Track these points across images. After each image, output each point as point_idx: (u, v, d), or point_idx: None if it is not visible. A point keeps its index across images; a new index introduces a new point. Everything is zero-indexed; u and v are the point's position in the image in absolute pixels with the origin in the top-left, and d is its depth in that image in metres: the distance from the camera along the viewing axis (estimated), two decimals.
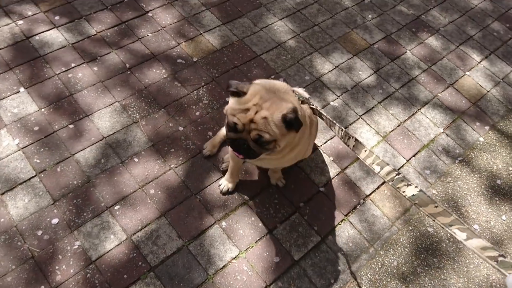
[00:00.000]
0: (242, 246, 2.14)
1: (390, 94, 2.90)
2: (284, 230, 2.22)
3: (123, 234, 2.09)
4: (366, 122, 2.72)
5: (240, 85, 1.59)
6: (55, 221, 2.08)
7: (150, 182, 2.28)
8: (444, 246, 2.31)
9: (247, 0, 3.28)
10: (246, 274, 2.05)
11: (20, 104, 2.45)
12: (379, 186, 2.46)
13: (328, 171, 2.47)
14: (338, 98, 2.81)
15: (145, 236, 2.10)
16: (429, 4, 3.60)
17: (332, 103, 2.78)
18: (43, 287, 1.90)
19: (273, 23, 3.16)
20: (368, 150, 1.44)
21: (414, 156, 2.63)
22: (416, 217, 2.39)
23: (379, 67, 3.04)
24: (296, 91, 1.79)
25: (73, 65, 2.67)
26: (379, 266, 2.19)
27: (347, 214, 2.33)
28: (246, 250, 2.13)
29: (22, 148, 2.29)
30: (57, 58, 2.68)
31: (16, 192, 2.14)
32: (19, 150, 2.28)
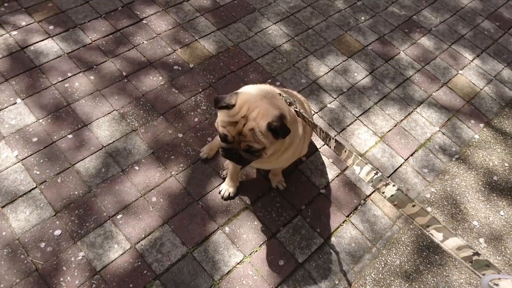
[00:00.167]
0: (246, 250, 2.14)
1: (386, 95, 2.93)
2: (287, 233, 2.24)
3: (127, 243, 2.08)
4: (363, 123, 2.75)
5: (227, 98, 1.60)
6: (57, 232, 2.07)
7: (151, 190, 2.28)
8: None
9: (241, 5, 3.30)
10: (252, 278, 2.06)
11: (18, 116, 2.44)
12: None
13: (327, 173, 2.49)
14: (334, 100, 2.83)
15: (149, 244, 2.09)
16: (420, 5, 3.65)
17: (329, 105, 2.80)
18: None
19: (267, 27, 3.19)
20: (347, 151, 1.46)
21: (411, 155, 2.66)
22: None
23: (373, 68, 3.07)
24: (283, 94, 1.81)
25: (69, 74, 2.66)
26: (382, 266, 2.21)
27: (349, 215, 2.35)
28: (250, 254, 2.14)
29: (22, 160, 2.28)
30: (53, 68, 2.67)
31: (17, 205, 2.13)
32: (19, 162, 2.27)
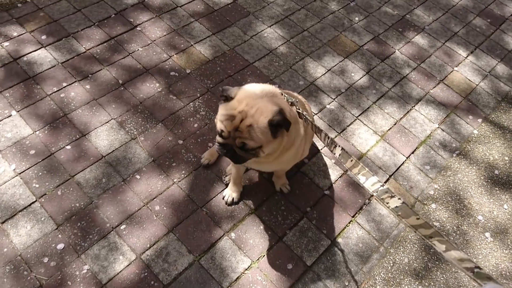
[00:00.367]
0: (253, 256, 2.11)
1: (384, 94, 2.94)
2: (294, 236, 2.21)
3: (132, 254, 2.04)
4: (363, 123, 2.75)
5: (230, 90, 1.60)
6: (60, 246, 2.02)
7: (154, 198, 2.24)
8: (452, 239, 2.33)
9: (235, 9, 3.29)
10: (261, 284, 2.03)
11: (13, 128, 2.38)
12: (382, 185, 2.47)
13: (330, 174, 2.48)
14: (333, 101, 2.83)
15: (154, 254, 2.05)
16: (412, 4, 3.67)
17: (328, 106, 2.79)
18: None
19: (262, 30, 3.17)
20: (354, 160, 1.45)
21: (413, 153, 2.66)
22: (422, 213, 2.41)
23: (370, 68, 3.08)
24: (285, 93, 1.79)
25: (64, 84, 2.62)
26: (391, 265, 2.20)
27: (354, 215, 2.34)
28: (258, 259, 2.11)
29: (20, 174, 2.22)
30: (47, 78, 2.63)
31: (17, 220, 2.07)
32: (17, 176, 2.21)
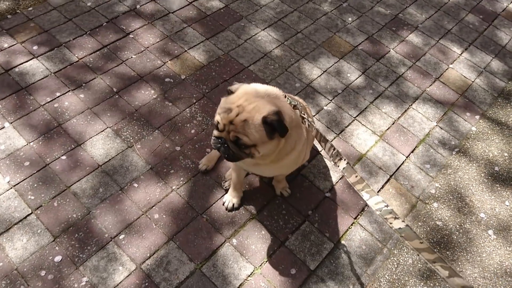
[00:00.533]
0: (256, 261, 2.08)
1: (381, 93, 2.92)
2: (296, 240, 2.18)
3: (132, 264, 2.00)
4: (361, 123, 2.73)
5: (234, 85, 1.61)
6: (58, 258, 1.97)
7: (153, 206, 2.20)
8: (455, 238, 2.31)
9: (227, 14, 3.27)
10: None
11: (7, 140, 2.34)
12: (383, 186, 2.45)
13: (331, 176, 2.45)
14: (330, 102, 2.81)
15: (155, 264, 2.01)
16: (404, 3, 3.68)
17: (325, 108, 2.77)
18: None
19: (256, 34, 3.16)
20: (359, 176, 1.43)
21: (412, 152, 2.64)
22: (424, 212, 2.38)
23: (366, 68, 3.07)
24: (289, 96, 1.77)
25: (58, 94, 2.58)
26: (395, 266, 2.17)
27: (356, 217, 2.31)
28: (260, 265, 2.07)
29: (14, 186, 2.18)
30: (40, 89, 2.59)
31: (12, 233, 2.02)
32: (11, 188, 2.17)
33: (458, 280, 1.12)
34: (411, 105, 2.90)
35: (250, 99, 1.54)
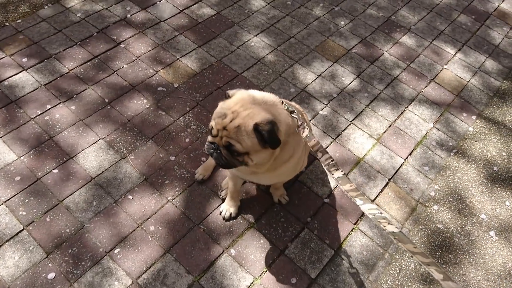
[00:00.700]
0: (255, 272, 2.03)
1: (376, 96, 2.90)
2: (295, 248, 2.13)
3: (128, 279, 1.94)
4: (357, 127, 2.70)
5: (232, 90, 1.60)
6: (51, 275, 1.91)
7: (148, 218, 2.15)
8: (457, 240, 2.27)
9: (219, 21, 3.24)
10: None
11: None
12: (382, 189, 2.42)
13: (329, 181, 2.41)
14: (326, 107, 2.78)
15: (152, 277, 1.95)
16: (396, 5, 3.67)
17: (321, 112, 2.74)
18: None
19: (249, 40, 3.13)
20: (353, 186, 1.42)
21: (410, 154, 2.61)
22: (424, 215, 2.35)
23: (360, 71, 3.04)
24: (286, 102, 1.74)
25: (48, 106, 2.53)
26: (398, 271, 2.12)
27: (356, 222, 2.27)
28: (260, 275, 2.02)
29: (5, 202, 2.12)
30: (30, 102, 2.54)
31: (4, 251, 1.96)
32: (2, 204, 2.11)
33: (452, 284, 1.13)
34: (407, 107, 2.87)
35: (246, 105, 1.51)
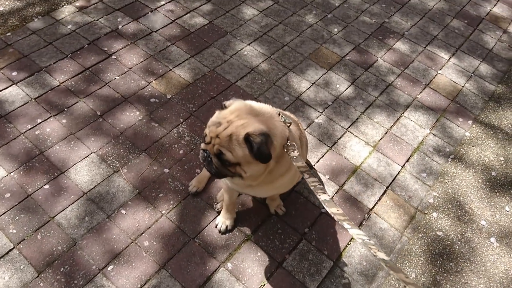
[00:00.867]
0: (253, 286, 1.98)
1: (371, 103, 2.87)
2: (294, 260, 2.09)
3: None
4: (353, 134, 2.67)
5: (229, 101, 1.58)
6: None
7: (142, 233, 2.10)
8: (457, 248, 2.23)
9: (212, 30, 3.22)
10: None
11: None
12: (380, 197, 2.38)
13: (326, 191, 2.37)
14: (321, 115, 2.75)
15: None
16: (389, 11, 3.67)
17: (316, 121, 2.71)
18: None
19: (242, 49, 3.10)
20: (341, 210, 1.39)
21: (407, 161, 2.58)
22: (423, 223, 2.31)
23: (355, 78, 3.02)
24: (283, 113, 1.71)
25: (39, 120, 2.48)
26: (399, 282, 2.08)
27: None
28: None
29: None
30: (20, 116, 2.49)
31: None
32: None
33: None
34: (403, 113, 2.85)
35: (242, 115, 1.49)
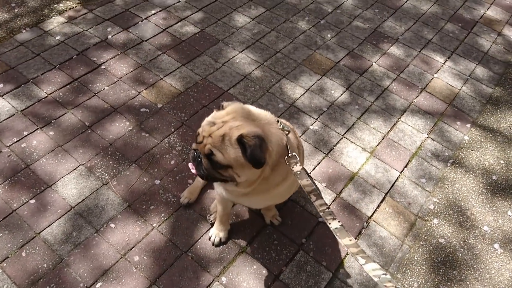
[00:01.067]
0: None
1: (367, 108, 2.81)
2: (291, 272, 2.00)
3: None
4: (350, 141, 2.60)
5: (227, 102, 1.52)
6: None
7: (132, 248, 2.01)
8: (460, 255, 2.16)
9: (203, 38, 3.17)
10: None
11: None
12: (379, 205, 2.31)
13: (323, 199, 2.29)
14: (316, 121, 2.68)
15: None
16: (382, 16, 3.63)
17: (311, 127, 2.64)
18: None
19: (234, 56, 3.05)
20: (353, 240, 1.31)
21: (406, 166, 2.51)
22: (424, 230, 2.23)
23: (350, 83, 2.97)
24: (282, 122, 1.64)
25: (25, 133, 2.41)
26: None
27: None
28: None
29: None
30: (6, 129, 2.41)
31: None
32: None
33: None
34: (400, 118, 2.79)
35: (238, 117, 1.43)
